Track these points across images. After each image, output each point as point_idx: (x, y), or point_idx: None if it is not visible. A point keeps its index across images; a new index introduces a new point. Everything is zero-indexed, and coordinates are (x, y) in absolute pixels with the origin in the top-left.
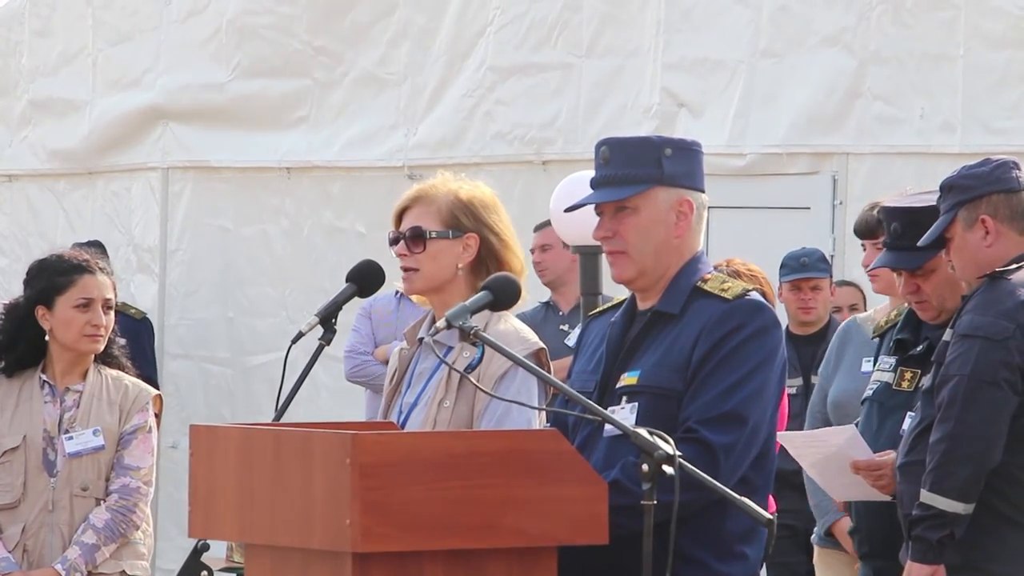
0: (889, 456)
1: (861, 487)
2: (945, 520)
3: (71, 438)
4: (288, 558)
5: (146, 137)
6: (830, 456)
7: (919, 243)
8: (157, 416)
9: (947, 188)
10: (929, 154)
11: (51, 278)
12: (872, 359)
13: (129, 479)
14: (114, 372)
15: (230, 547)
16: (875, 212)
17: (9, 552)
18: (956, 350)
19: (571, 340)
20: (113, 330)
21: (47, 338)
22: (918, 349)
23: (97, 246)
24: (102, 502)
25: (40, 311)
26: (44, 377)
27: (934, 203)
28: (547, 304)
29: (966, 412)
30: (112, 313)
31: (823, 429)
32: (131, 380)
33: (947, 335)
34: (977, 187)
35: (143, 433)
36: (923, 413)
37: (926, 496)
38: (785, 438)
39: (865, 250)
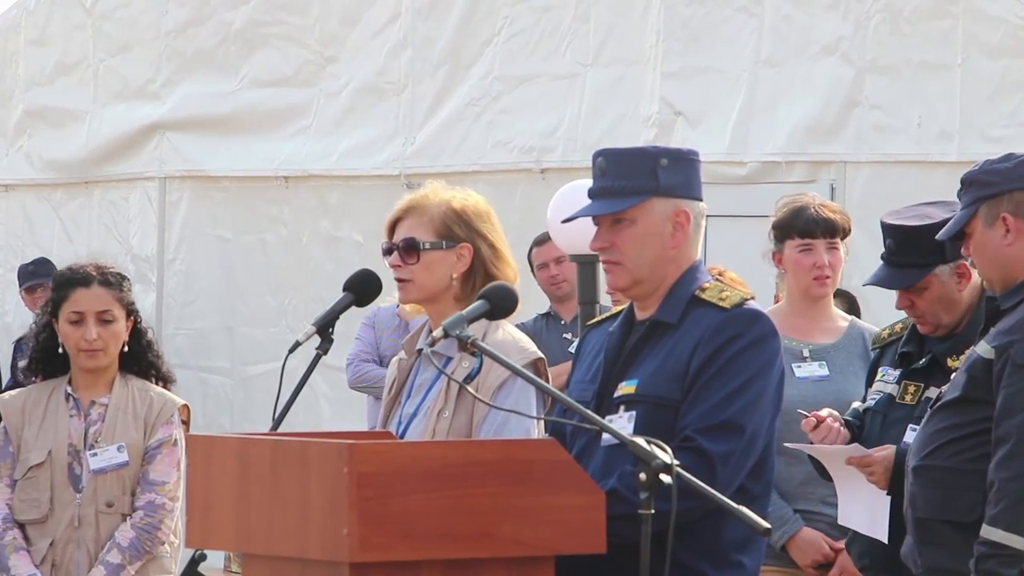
0: (884, 451)
1: (859, 510)
2: (1018, 558)
3: (95, 454)
4: (286, 568)
5: (143, 147)
6: (840, 474)
7: (938, 235)
8: (185, 424)
9: (968, 182)
10: (926, 162)
11: (54, 292)
12: (800, 364)
13: (154, 495)
14: (140, 383)
15: (228, 557)
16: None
17: (38, 567)
18: (1020, 382)
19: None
20: (144, 338)
21: (61, 351)
22: (921, 362)
23: (44, 264)
24: (128, 518)
25: (55, 324)
26: (69, 390)
27: (932, 221)
28: (546, 315)
29: None
30: (115, 325)
31: (840, 446)
32: (157, 391)
33: (983, 350)
34: (999, 183)
35: (168, 447)
36: (952, 420)
37: (997, 534)
38: (818, 451)
39: None
